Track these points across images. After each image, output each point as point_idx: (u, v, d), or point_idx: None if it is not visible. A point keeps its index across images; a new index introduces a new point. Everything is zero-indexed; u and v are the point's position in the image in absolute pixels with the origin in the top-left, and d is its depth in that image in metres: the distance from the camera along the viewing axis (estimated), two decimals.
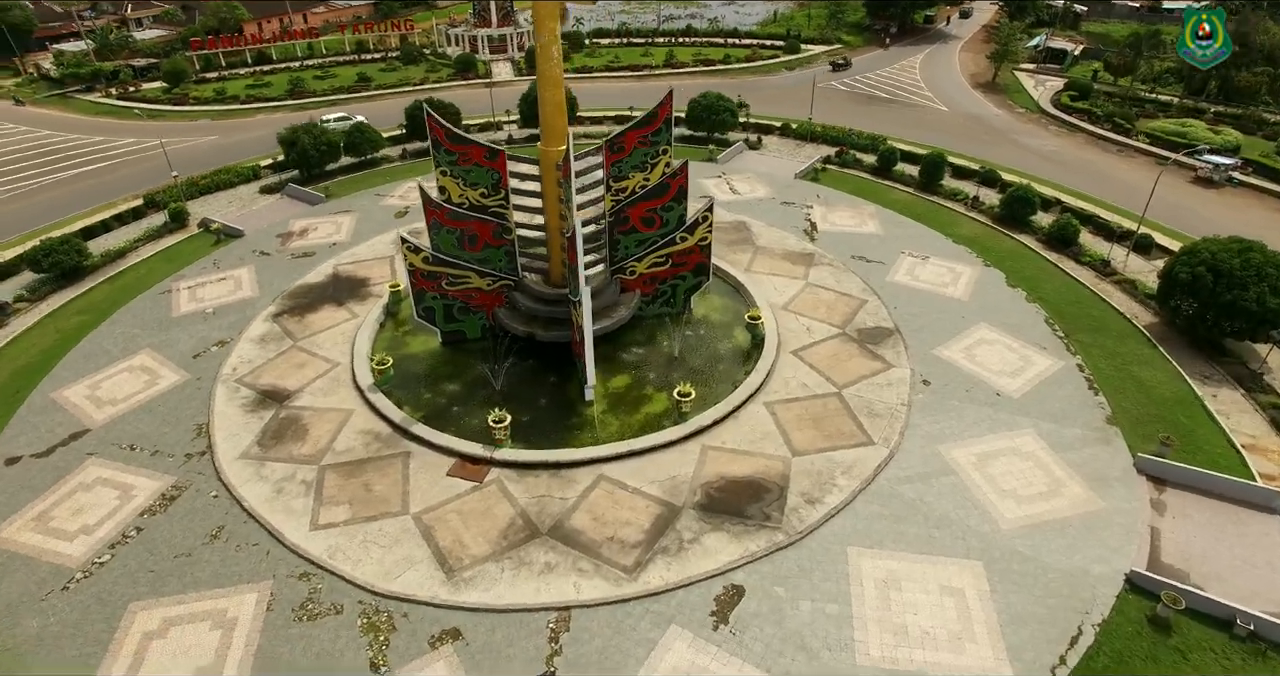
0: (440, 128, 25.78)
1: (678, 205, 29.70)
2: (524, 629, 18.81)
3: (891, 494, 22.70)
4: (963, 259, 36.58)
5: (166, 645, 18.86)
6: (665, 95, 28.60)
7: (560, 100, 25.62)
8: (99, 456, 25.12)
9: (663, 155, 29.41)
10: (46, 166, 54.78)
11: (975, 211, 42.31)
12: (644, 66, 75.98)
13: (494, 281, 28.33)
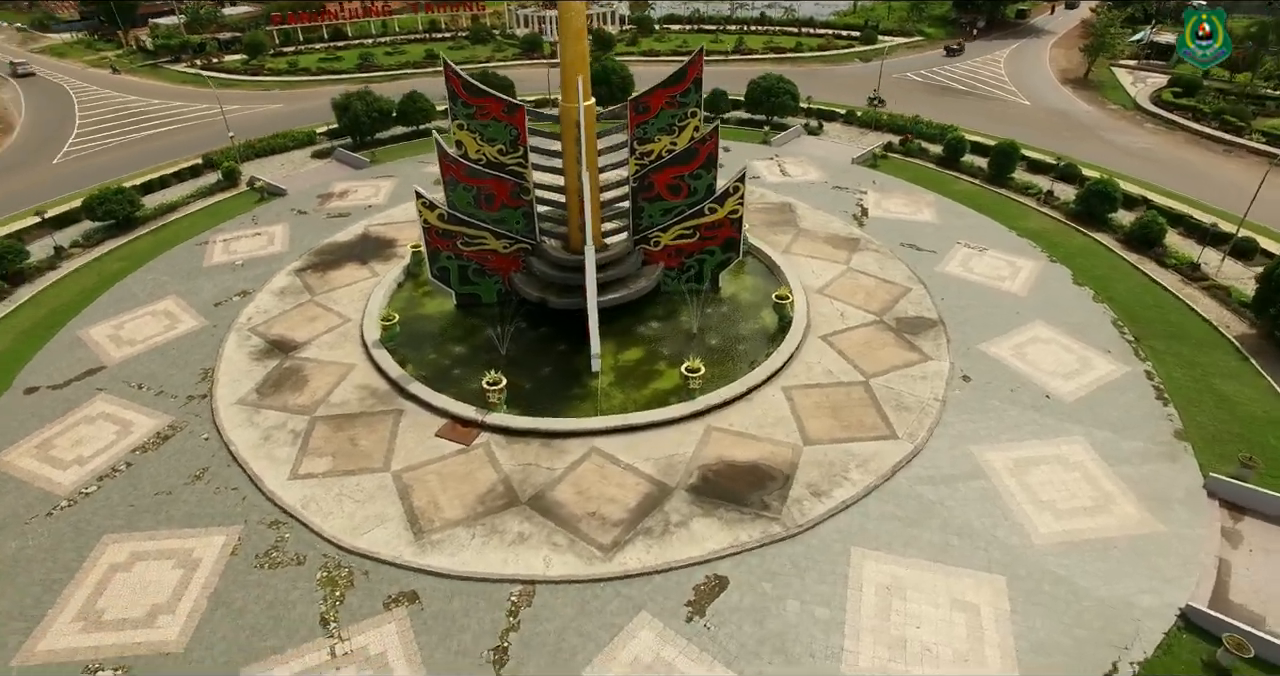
0: (457, 78, 24.74)
1: (707, 173, 27.87)
2: (485, 599, 17.50)
3: (909, 494, 20.33)
4: (1025, 253, 33.32)
5: (129, 578, 18.47)
6: (695, 53, 26.84)
7: (582, 52, 24.25)
8: (108, 393, 25.30)
9: (691, 118, 27.66)
10: (126, 127, 57.37)
11: (1047, 206, 38.70)
12: (712, 53, 73.93)
13: (510, 244, 27.22)
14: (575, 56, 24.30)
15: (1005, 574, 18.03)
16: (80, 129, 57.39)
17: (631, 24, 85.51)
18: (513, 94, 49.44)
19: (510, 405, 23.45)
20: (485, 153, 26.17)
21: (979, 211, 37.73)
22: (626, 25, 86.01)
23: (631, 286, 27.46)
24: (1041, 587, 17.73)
